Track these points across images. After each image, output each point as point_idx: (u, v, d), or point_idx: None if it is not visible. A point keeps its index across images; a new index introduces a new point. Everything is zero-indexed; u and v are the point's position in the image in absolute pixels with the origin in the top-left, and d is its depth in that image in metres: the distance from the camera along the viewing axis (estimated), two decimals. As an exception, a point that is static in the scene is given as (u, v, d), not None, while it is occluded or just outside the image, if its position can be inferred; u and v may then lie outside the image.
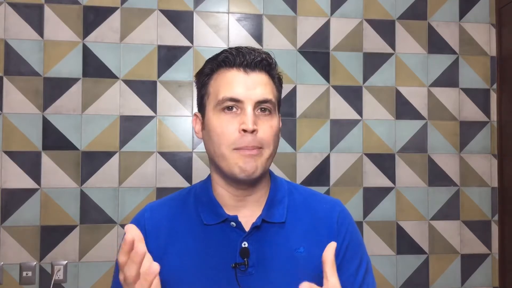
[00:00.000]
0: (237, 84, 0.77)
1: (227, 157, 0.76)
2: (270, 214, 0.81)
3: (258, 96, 0.77)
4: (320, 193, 0.91)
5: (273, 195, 0.84)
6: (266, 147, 0.77)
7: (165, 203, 0.87)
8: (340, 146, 1.87)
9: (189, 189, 0.89)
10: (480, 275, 1.90)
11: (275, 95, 0.81)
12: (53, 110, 1.73)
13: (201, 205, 0.83)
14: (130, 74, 1.78)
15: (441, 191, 1.91)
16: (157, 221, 0.83)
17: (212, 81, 0.80)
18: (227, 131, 0.76)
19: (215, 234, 0.80)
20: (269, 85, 0.80)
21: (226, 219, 0.80)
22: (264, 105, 0.78)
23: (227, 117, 0.77)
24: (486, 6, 1.99)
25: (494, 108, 1.96)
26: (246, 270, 0.77)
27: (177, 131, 1.80)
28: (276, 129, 0.79)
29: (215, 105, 0.78)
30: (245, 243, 0.79)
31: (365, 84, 1.90)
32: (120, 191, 1.75)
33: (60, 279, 1.68)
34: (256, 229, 0.80)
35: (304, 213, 0.84)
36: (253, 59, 0.78)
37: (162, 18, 1.81)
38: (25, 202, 1.69)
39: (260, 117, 0.78)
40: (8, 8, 1.73)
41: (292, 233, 0.81)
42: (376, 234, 1.86)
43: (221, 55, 0.80)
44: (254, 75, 0.78)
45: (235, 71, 0.78)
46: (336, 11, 1.91)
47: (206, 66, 0.82)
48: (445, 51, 1.95)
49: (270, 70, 0.81)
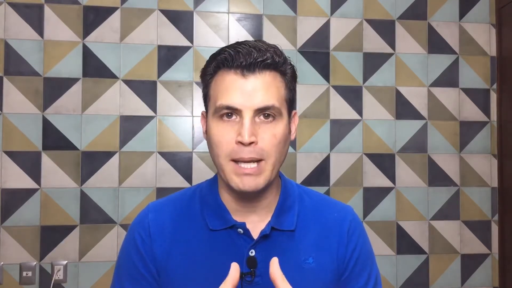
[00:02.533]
0: (234, 91, 0.70)
1: (225, 168, 0.72)
2: (280, 222, 0.77)
3: (257, 103, 0.70)
4: (331, 198, 0.88)
5: (283, 201, 0.80)
6: (268, 158, 0.71)
7: (168, 203, 0.82)
8: (340, 146, 1.87)
9: (194, 189, 0.84)
10: (480, 275, 1.90)
11: (280, 97, 0.73)
12: (53, 110, 1.73)
13: (207, 209, 0.79)
14: (130, 74, 1.78)
15: (441, 191, 1.91)
16: (161, 223, 0.79)
17: (213, 83, 0.75)
18: (224, 140, 0.71)
19: (221, 240, 0.76)
20: (272, 87, 0.72)
21: (233, 226, 0.76)
22: (267, 111, 0.71)
23: (225, 125, 0.71)
24: (486, 6, 1.99)
25: (494, 108, 1.96)
26: (253, 280, 0.74)
27: (177, 131, 1.80)
28: (280, 137, 0.72)
29: (214, 112, 0.73)
30: (252, 251, 0.75)
31: (365, 84, 1.90)
32: (120, 191, 1.75)
33: (60, 279, 1.68)
34: (264, 237, 0.76)
35: (314, 221, 0.80)
36: (251, 62, 0.70)
37: (162, 18, 1.81)
38: (25, 202, 1.69)
39: (262, 125, 0.71)
40: (8, 8, 1.73)
41: (302, 242, 0.78)
42: (376, 234, 1.85)
43: (221, 54, 0.73)
44: (253, 79, 0.71)
45: (233, 75, 0.71)
46: (336, 11, 1.91)
47: (208, 64, 0.77)
48: (445, 51, 1.95)
49: (276, 67, 0.73)
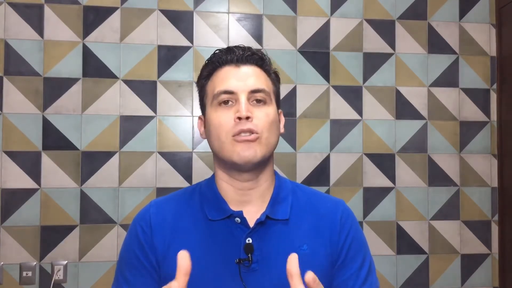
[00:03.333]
0: (229, 78, 0.81)
1: (226, 146, 0.78)
2: (274, 211, 0.83)
3: (250, 86, 0.80)
4: (323, 193, 0.94)
5: (277, 193, 0.85)
6: (262, 133, 0.79)
7: (170, 199, 0.88)
8: (340, 146, 1.87)
9: (194, 186, 0.91)
10: (480, 275, 1.90)
11: (269, 87, 0.84)
12: (53, 110, 1.73)
13: (206, 201, 0.84)
14: (130, 74, 1.78)
15: (441, 191, 1.91)
16: (162, 217, 0.83)
17: (209, 82, 0.85)
18: (224, 121, 0.79)
19: (219, 230, 0.81)
20: (261, 76, 0.83)
21: (230, 215, 0.81)
22: (258, 96, 0.80)
23: (223, 110, 0.80)
24: (486, 6, 1.99)
25: (494, 108, 1.96)
26: (250, 266, 0.78)
27: (177, 131, 1.80)
28: (273, 117, 0.81)
29: (212, 101, 0.82)
30: (249, 239, 0.80)
31: (365, 84, 1.90)
32: (120, 191, 1.75)
33: (60, 279, 1.68)
34: (260, 225, 0.81)
35: (308, 212, 0.85)
36: (242, 54, 0.82)
37: (162, 18, 1.81)
38: (25, 202, 1.69)
39: (255, 107, 0.80)
40: (8, 8, 1.73)
41: (296, 230, 0.82)
42: (376, 234, 1.85)
43: (214, 57, 0.84)
44: (245, 68, 0.82)
45: (227, 67, 0.82)
46: (336, 11, 1.91)
47: (203, 70, 0.87)
48: (445, 51, 1.95)
49: (262, 65, 0.85)
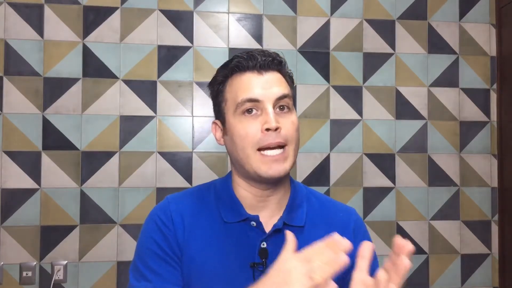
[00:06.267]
0: (253, 85, 0.78)
1: (252, 159, 0.77)
2: (291, 218, 0.82)
3: (276, 93, 0.78)
4: (335, 201, 0.93)
5: (293, 199, 0.85)
6: (290, 143, 0.78)
7: (185, 197, 0.87)
8: (340, 146, 1.87)
9: (208, 185, 0.90)
10: (480, 275, 1.90)
11: (290, 91, 0.83)
12: (53, 110, 1.73)
13: (221, 203, 0.84)
14: (130, 74, 1.78)
15: (441, 191, 1.91)
16: (181, 213, 0.83)
17: (227, 87, 0.82)
18: (251, 132, 0.77)
19: (234, 232, 0.81)
20: (283, 82, 0.82)
21: (246, 219, 0.81)
22: (282, 102, 0.79)
23: (248, 119, 0.78)
24: (486, 6, 1.99)
25: (494, 108, 1.96)
26: (264, 270, 0.77)
27: (177, 131, 1.80)
28: (297, 125, 0.81)
29: (235, 109, 0.79)
30: (264, 243, 0.80)
31: (365, 84, 1.90)
32: (120, 191, 1.75)
33: (60, 279, 1.68)
34: (276, 232, 0.80)
35: (321, 220, 0.85)
36: (264, 60, 0.80)
37: (162, 18, 1.81)
38: (25, 202, 1.69)
39: (281, 115, 0.79)
40: (8, 8, 1.73)
41: (310, 238, 0.80)
42: (376, 234, 1.85)
43: (232, 61, 0.81)
44: (268, 75, 0.80)
45: (249, 74, 0.80)
46: (336, 11, 1.91)
47: (218, 74, 0.84)
48: (445, 51, 1.95)
49: (281, 69, 0.83)
